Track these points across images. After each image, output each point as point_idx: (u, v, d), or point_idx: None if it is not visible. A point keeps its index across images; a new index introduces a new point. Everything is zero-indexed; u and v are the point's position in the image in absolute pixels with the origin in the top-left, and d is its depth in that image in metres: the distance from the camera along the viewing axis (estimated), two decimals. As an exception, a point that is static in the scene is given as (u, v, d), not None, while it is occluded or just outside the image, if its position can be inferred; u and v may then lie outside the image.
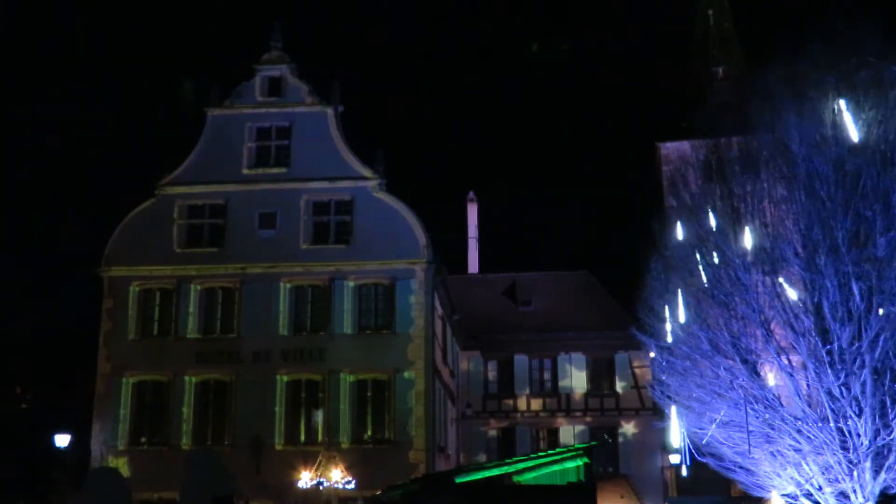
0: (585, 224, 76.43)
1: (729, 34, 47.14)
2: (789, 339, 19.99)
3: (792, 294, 19.93)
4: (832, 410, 19.09)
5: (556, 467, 22.72)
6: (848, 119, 18.89)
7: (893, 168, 18.74)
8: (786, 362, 20.08)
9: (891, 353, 18.69)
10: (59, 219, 63.34)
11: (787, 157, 20.28)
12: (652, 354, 26.55)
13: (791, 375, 20.02)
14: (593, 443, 31.21)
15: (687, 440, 22.75)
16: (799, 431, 19.76)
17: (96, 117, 75.82)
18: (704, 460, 23.01)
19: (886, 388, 18.73)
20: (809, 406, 19.85)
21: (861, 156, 18.96)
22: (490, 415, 39.89)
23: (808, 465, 20.11)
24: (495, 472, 22.61)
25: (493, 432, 39.84)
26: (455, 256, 46.43)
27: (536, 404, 39.91)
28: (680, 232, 23.03)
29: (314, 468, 28.86)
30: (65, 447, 31.90)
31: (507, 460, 25.35)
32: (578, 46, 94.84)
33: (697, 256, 22.05)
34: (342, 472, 28.60)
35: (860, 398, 18.81)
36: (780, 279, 20.10)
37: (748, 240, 20.21)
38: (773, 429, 20.31)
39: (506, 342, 40.22)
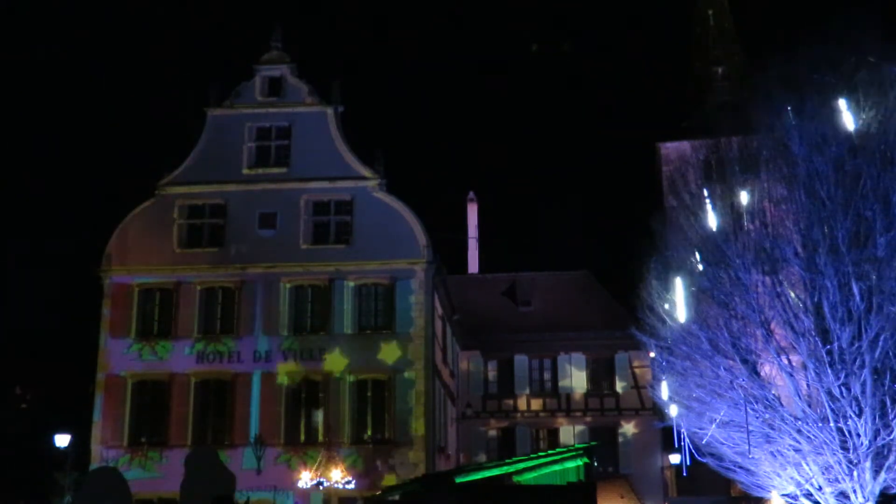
0: (585, 224, 76.55)
1: (729, 34, 47.17)
2: (789, 339, 19.99)
3: (792, 294, 19.93)
4: (832, 410, 19.09)
5: (556, 467, 22.71)
6: (848, 119, 18.89)
7: (893, 168, 18.75)
8: (786, 362, 20.08)
9: (891, 353, 18.69)
10: (59, 219, 63.40)
11: (787, 157, 20.28)
12: (652, 354, 26.53)
13: (791, 375, 20.02)
14: (593, 443, 31.19)
15: (687, 440, 22.75)
16: (799, 431, 19.76)
17: (97, 117, 75.85)
18: (704, 460, 23.01)
19: (886, 388, 18.73)
20: (809, 406, 19.85)
21: (861, 156, 18.97)
22: (490, 415, 39.88)
23: (808, 465, 20.10)
24: (495, 472, 22.61)
25: (493, 432, 39.82)
26: (455, 256, 46.49)
27: (536, 404, 39.90)
28: (680, 232, 23.03)
29: (314, 468, 28.87)
30: (65, 447, 31.89)
31: (507, 460, 25.35)
32: (578, 47, 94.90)
33: (697, 256, 22.04)
34: (342, 472, 28.60)
35: (860, 398, 18.81)
36: (780, 279, 20.09)
37: (747, 232, 20.19)
38: (773, 429, 20.31)
39: (506, 342, 40.20)
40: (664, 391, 23.12)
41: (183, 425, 31.07)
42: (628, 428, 39.21)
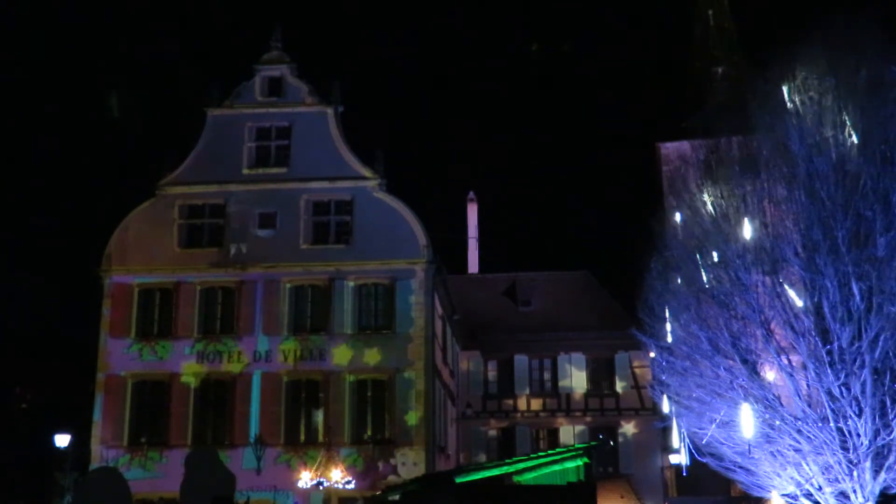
0: (585, 224, 76.59)
1: (729, 34, 47.18)
2: (789, 339, 19.98)
3: (792, 294, 19.93)
4: (832, 410, 19.09)
5: (556, 467, 22.70)
6: (848, 119, 18.90)
7: (893, 168, 18.73)
8: (786, 362, 20.07)
9: (891, 353, 18.69)
10: (60, 219, 63.41)
11: (787, 157, 20.28)
12: (652, 354, 26.54)
13: (791, 375, 20.01)
14: (593, 443, 31.19)
15: (687, 440, 22.75)
16: (799, 431, 19.76)
17: (96, 117, 75.84)
18: (704, 460, 23.01)
19: (886, 388, 18.72)
20: (809, 406, 19.84)
21: (861, 156, 18.97)
22: (490, 415, 39.88)
23: (808, 465, 20.10)
24: (495, 472, 22.61)
25: (493, 432, 39.83)
26: (455, 256, 46.51)
27: (536, 404, 39.90)
28: (680, 232, 23.04)
29: (314, 468, 28.87)
30: (65, 447, 31.92)
31: (507, 460, 25.35)
32: (578, 47, 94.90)
33: (697, 257, 22.04)
34: (342, 472, 28.61)
35: (860, 398, 18.80)
36: (780, 279, 20.09)
37: (747, 232, 20.18)
38: (773, 429, 20.31)
39: (506, 342, 40.20)
40: (665, 405, 23.12)
41: (183, 425, 31.06)
42: (628, 428, 39.22)
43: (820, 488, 20.19)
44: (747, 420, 18.59)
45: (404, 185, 35.14)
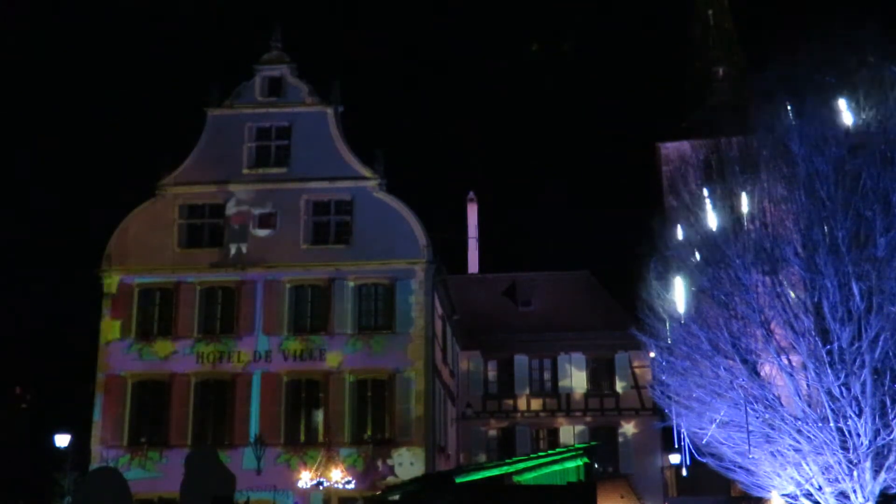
0: (585, 224, 76.62)
1: (729, 34, 47.22)
2: (789, 339, 19.97)
3: (792, 294, 19.93)
4: (832, 410, 19.08)
5: (556, 467, 22.73)
6: (848, 119, 18.90)
7: (893, 168, 18.73)
8: (786, 362, 20.07)
9: (891, 353, 18.68)
10: (60, 219, 63.44)
11: (787, 157, 20.28)
12: (652, 354, 26.53)
13: (791, 375, 20.01)
14: (593, 443, 31.19)
15: (687, 440, 22.75)
16: (799, 431, 19.75)
17: (97, 117, 75.89)
18: (704, 460, 23.01)
19: (886, 388, 18.71)
20: (809, 406, 19.84)
21: (861, 156, 18.96)
22: (490, 415, 39.87)
23: (808, 465, 20.10)
24: (495, 472, 22.64)
25: (493, 432, 39.82)
26: (455, 256, 46.47)
27: (536, 404, 39.90)
28: (680, 232, 23.04)
29: (314, 468, 28.87)
30: (65, 447, 31.90)
31: (507, 460, 25.36)
32: (578, 46, 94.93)
33: (697, 256, 22.04)
34: (342, 472, 28.60)
35: (860, 398, 18.79)
36: (781, 279, 20.09)
37: (746, 233, 20.20)
38: (773, 429, 20.31)
39: (506, 342, 40.19)
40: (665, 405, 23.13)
41: (183, 425, 31.06)
42: (628, 428, 39.21)
43: (820, 488, 20.19)
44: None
45: (404, 185, 35.14)
